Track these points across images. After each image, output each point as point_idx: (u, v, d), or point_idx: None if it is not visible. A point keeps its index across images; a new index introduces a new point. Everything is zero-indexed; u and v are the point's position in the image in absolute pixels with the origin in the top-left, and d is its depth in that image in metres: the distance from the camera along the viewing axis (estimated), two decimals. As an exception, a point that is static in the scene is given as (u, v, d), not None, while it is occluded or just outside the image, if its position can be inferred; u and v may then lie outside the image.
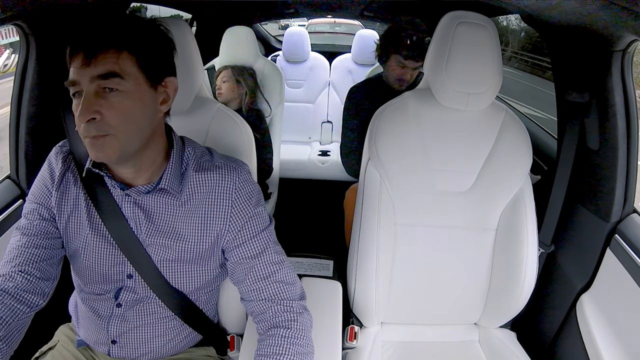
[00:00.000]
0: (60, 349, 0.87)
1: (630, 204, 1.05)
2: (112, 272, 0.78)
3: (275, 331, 0.72)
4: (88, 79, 0.64)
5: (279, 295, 0.75)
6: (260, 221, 0.78)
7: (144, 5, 2.03)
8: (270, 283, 0.75)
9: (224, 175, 0.76)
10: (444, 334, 1.14)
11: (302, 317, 0.74)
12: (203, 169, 0.76)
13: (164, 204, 0.75)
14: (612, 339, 0.97)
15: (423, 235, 1.07)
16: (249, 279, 0.76)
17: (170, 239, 0.76)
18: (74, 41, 0.64)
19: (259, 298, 0.76)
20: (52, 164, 0.78)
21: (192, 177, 0.76)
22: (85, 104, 0.63)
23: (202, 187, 0.76)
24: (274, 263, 0.76)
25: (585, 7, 0.84)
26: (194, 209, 0.76)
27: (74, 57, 0.64)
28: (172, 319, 0.82)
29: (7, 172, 1.16)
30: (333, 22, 6.39)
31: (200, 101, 1.01)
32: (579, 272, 1.10)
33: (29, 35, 1.03)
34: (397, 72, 1.44)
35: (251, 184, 0.79)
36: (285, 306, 0.74)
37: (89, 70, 0.63)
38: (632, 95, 1.00)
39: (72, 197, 0.77)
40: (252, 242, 0.76)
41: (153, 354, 0.84)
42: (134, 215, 0.75)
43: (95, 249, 0.77)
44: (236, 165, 0.78)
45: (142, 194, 0.74)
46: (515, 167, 1.04)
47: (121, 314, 0.80)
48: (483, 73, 0.96)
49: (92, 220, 0.76)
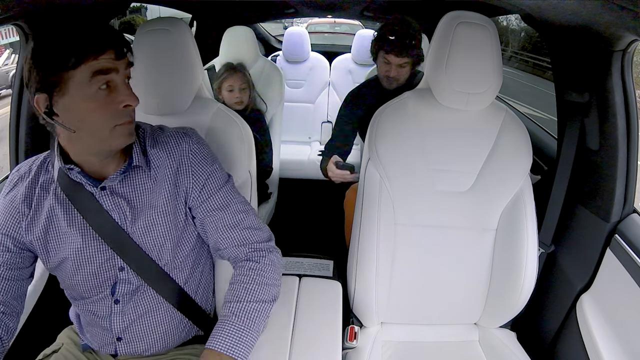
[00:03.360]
0: (65, 352, 0.88)
1: (630, 204, 1.05)
2: (104, 269, 0.79)
3: (244, 263, 0.81)
4: (123, 66, 0.70)
5: (249, 239, 0.82)
6: (220, 176, 0.84)
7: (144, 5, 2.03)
8: (240, 230, 0.82)
9: (178, 141, 0.82)
10: (444, 334, 1.14)
11: (271, 254, 0.82)
12: (158, 142, 0.82)
13: (138, 183, 0.79)
14: (612, 339, 0.97)
15: (423, 235, 1.07)
16: (219, 229, 0.82)
17: (150, 216, 0.79)
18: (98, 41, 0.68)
19: (232, 245, 0.82)
20: (17, 187, 0.79)
21: (152, 151, 0.81)
22: (129, 89, 0.71)
23: (163, 157, 0.81)
24: (240, 212, 0.83)
25: (585, 7, 0.84)
26: (162, 178, 0.80)
27: (102, 54, 0.67)
28: (169, 309, 0.84)
29: (7, 172, 1.16)
30: (333, 22, 6.39)
31: (199, 101, 1.01)
32: (579, 272, 1.10)
33: (29, 35, 1.03)
34: (383, 69, 1.45)
35: (204, 145, 0.85)
36: (255, 248, 0.82)
37: (122, 61, 0.70)
38: (632, 95, 1.00)
39: (45, 211, 0.77)
40: (217, 196, 0.82)
41: (158, 346, 0.85)
42: (115, 206, 0.77)
43: (83, 251, 0.78)
44: (186, 131, 0.84)
45: (116, 180, 0.77)
46: (515, 167, 1.04)
47: (120, 310, 0.81)
48: (483, 73, 0.96)
49: (73, 224, 0.77)
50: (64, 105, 0.68)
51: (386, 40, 1.38)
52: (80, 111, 0.68)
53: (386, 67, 1.43)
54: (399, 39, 1.36)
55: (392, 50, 1.38)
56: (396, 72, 1.42)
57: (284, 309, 0.96)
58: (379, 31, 1.43)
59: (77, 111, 0.68)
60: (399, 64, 1.41)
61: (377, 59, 1.47)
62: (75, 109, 0.68)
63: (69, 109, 0.68)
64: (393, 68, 1.42)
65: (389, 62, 1.41)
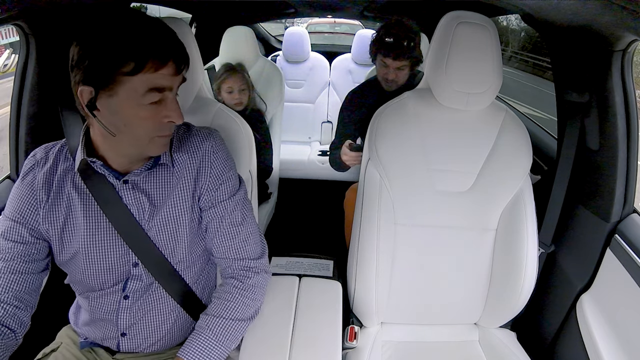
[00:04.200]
0: (64, 351, 0.88)
1: (630, 204, 1.05)
2: (118, 264, 0.79)
3: (230, 280, 0.83)
4: (178, 83, 0.69)
5: (240, 254, 0.83)
6: (232, 185, 0.83)
7: (144, 5, 2.03)
8: (235, 243, 0.82)
9: (202, 140, 0.82)
10: (444, 334, 1.14)
11: (257, 276, 0.83)
12: (183, 141, 0.81)
13: (161, 180, 0.79)
14: (612, 339, 0.97)
15: (423, 235, 1.07)
16: (216, 237, 0.82)
17: (168, 213, 0.79)
18: (162, 51, 0.65)
19: (223, 256, 0.83)
20: (34, 172, 0.77)
21: (177, 150, 0.80)
22: (177, 105, 0.70)
23: (185, 156, 0.80)
24: (238, 224, 0.83)
25: (585, 7, 0.84)
26: (184, 176, 0.80)
27: (163, 66, 0.65)
28: (176, 307, 0.84)
29: (7, 172, 1.16)
30: (333, 22, 6.39)
31: (200, 101, 1.01)
32: (579, 272, 1.10)
33: (29, 35, 1.03)
34: (381, 71, 1.46)
35: (225, 149, 0.84)
36: (243, 266, 0.83)
37: (178, 77, 0.69)
38: (632, 95, 1.00)
39: (65, 200, 0.76)
40: (224, 204, 0.82)
41: (161, 344, 0.86)
42: (135, 200, 0.77)
43: (98, 244, 0.77)
44: (210, 132, 0.84)
45: (141, 175, 0.77)
46: (515, 167, 1.04)
47: (129, 306, 0.81)
48: (483, 73, 0.96)
49: (90, 215, 0.77)
50: (110, 106, 0.66)
51: (383, 44, 1.38)
52: (127, 116, 0.67)
53: (384, 69, 1.43)
54: (396, 42, 1.36)
55: (390, 54, 1.38)
56: (394, 74, 1.43)
57: (284, 309, 0.96)
58: (376, 34, 1.43)
59: (123, 115, 0.67)
60: (397, 67, 1.41)
61: (375, 61, 1.47)
62: (121, 112, 0.66)
63: (115, 111, 0.66)
64: (391, 71, 1.42)
65: (387, 65, 1.41)
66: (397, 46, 1.36)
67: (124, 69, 0.63)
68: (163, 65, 0.65)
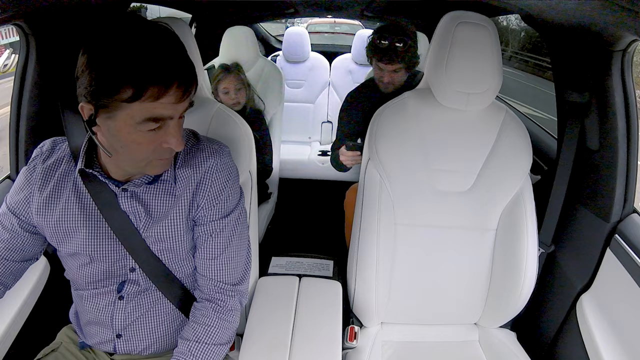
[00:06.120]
0: (63, 350, 0.88)
1: (630, 204, 1.05)
2: (115, 268, 0.79)
3: (206, 303, 0.81)
4: (182, 109, 0.66)
5: (218, 276, 0.81)
6: (229, 205, 0.81)
7: (144, 5, 2.03)
8: (216, 264, 0.81)
9: (207, 156, 0.79)
10: (444, 334, 1.14)
11: (232, 299, 0.82)
12: (190, 153, 0.79)
13: (160, 194, 0.78)
14: (612, 339, 0.97)
15: (423, 235, 1.07)
16: (200, 255, 0.81)
17: (164, 227, 0.78)
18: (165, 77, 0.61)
19: (203, 275, 0.82)
20: (36, 166, 0.78)
21: (181, 163, 0.78)
22: (179, 132, 0.68)
23: (189, 172, 0.78)
24: (224, 246, 0.81)
25: (585, 7, 0.84)
26: (184, 193, 0.78)
27: (165, 94, 0.61)
28: (172, 310, 0.84)
29: (7, 172, 1.16)
30: (333, 22, 6.39)
31: (200, 101, 1.01)
32: (579, 272, 1.10)
33: (29, 35, 1.03)
34: (377, 74, 1.46)
35: (231, 166, 0.82)
36: (220, 289, 0.81)
37: (182, 104, 0.65)
38: (632, 95, 1.00)
39: (63, 200, 0.77)
40: (216, 223, 0.80)
41: (157, 346, 0.85)
42: (132, 209, 0.77)
43: (96, 247, 0.77)
44: (218, 147, 0.81)
45: (140, 186, 0.76)
46: (515, 167, 1.04)
47: (123, 307, 0.81)
48: (483, 73, 0.96)
49: (91, 218, 0.77)
50: (108, 127, 0.64)
51: (377, 48, 1.39)
52: (123, 140, 0.65)
53: (380, 72, 1.44)
54: (389, 46, 1.37)
55: (383, 58, 1.39)
56: (390, 77, 1.43)
57: (284, 309, 0.96)
58: (370, 38, 1.43)
59: (120, 138, 0.65)
60: (392, 70, 1.41)
61: (371, 62, 1.48)
62: (118, 135, 0.65)
63: (112, 133, 0.65)
64: (386, 74, 1.43)
65: (381, 68, 1.42)
66: (390, 50, 1.37)
67: (122, 95, 0.60)
68: (166, 92, 0.61)
